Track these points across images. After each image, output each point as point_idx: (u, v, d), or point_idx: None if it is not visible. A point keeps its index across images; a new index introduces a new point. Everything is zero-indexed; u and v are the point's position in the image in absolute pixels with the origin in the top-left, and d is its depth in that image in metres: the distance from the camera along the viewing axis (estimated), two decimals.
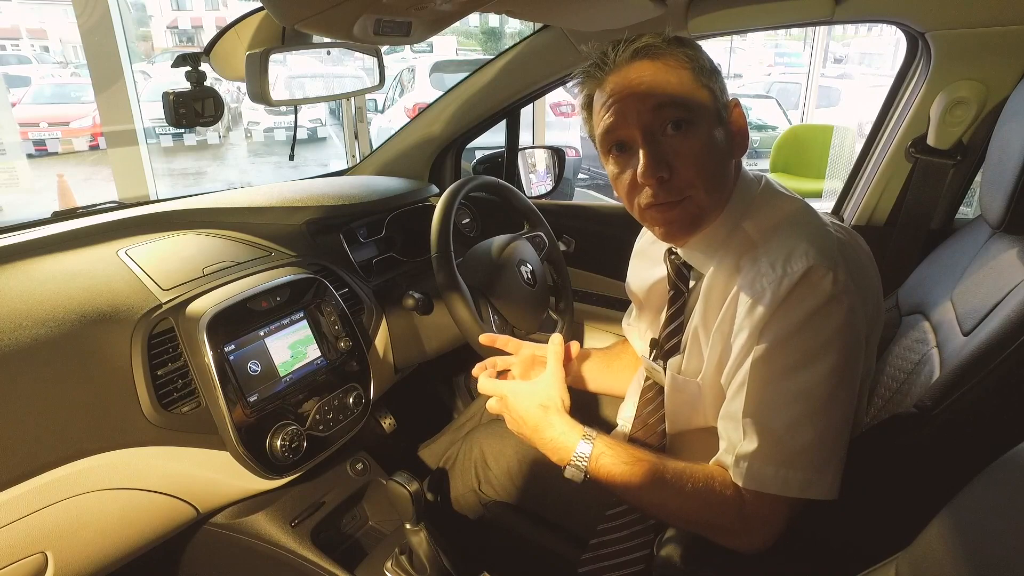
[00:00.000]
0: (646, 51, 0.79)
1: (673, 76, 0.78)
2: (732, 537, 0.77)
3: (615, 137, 0.81)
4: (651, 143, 0.78)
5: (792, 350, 0.74)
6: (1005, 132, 0.94)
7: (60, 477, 0.83)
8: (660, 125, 0.78)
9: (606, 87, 0.81)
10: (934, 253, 1.18)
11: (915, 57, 1.28)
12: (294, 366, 1.08)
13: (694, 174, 0.78)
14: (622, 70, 0.79)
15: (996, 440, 0.59)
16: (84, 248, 1.10)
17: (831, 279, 0.72)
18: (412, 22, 0.96)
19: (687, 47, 0.80)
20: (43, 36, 15.28)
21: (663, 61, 0.78)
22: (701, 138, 0.78)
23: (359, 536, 1.21)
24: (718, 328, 0.82)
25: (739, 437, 0.77)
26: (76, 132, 7.71)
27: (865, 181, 1.40)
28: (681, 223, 0.82)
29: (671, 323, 0.93)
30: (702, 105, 0.79)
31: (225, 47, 1.14)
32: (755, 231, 0.82)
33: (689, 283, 0.91)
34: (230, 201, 1.35)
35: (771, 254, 0.77)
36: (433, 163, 1.76)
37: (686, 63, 0.79)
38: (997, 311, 0.81)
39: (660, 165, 0.77)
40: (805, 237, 0.76)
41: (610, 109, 0.80)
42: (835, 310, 0.73)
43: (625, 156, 0.81)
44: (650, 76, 0.78)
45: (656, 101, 0.77)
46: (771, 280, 0.75)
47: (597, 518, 0.99)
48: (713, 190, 0.81)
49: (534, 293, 1.36)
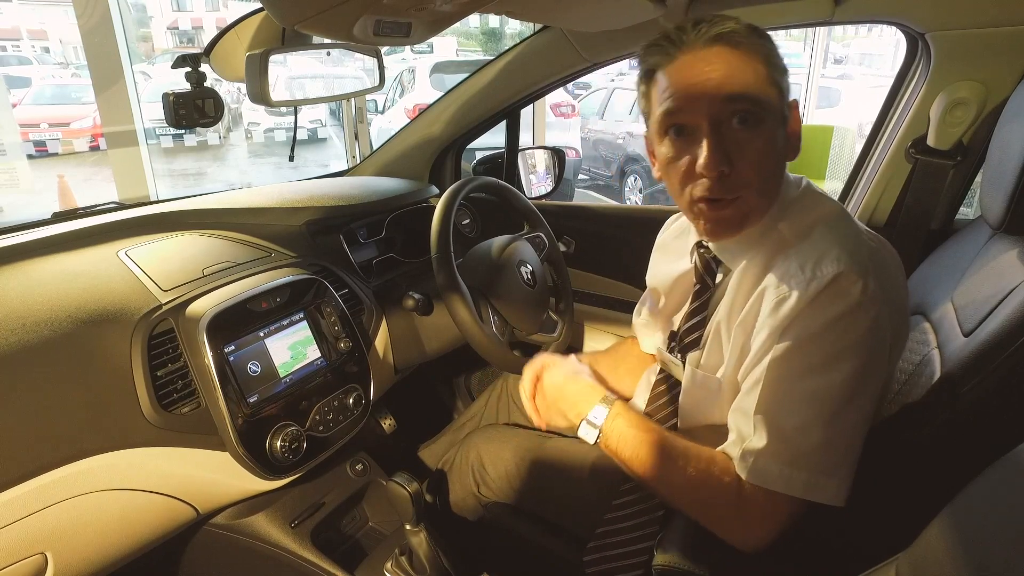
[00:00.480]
0: (728, 38, 0.74)
1: (750, 68, 0.75)
2: (728, 527, 0.77)
3: (678, 120, 0.77)
4: (716, 134, 0.75)
5: (812, 352, 0.73)
6: (1005, 133, 0.94)
7: (60, 478, 0.83)
8: (728, 117, 0.75)
9: (677, 65, 0.77)
10: (934, 254, 1.18)
11: (915, 58, 1.28)
12: (294, 367, 1.08)
13: (753, 173, 0.77)
14: (699, 51, 0.75)
15: (997, 440, 0.59)
16: (84, 249, 1.09)
17: (860, 286, 0.72)
18: (412, 23, 0.96)
19: (766, 40, 0.77)
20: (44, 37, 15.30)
21: (743, 51, 0.75)
22: (764, 136, 0.76)
23: (359, 537, 1.21)
24: (741, 323, 0.82)
25: (749, 431, 0.77)
26: (76, 133, 7.72)
27: (865, 181, 1.40)
28: (729, 223, 0.80)
29: (693, 317, 0.92)
30: (771, 102, 0.76)
31: (225, 48, 1.14)
32: (790, 232, 0.81)
33: (716, 278, 0.90)
34: (230, 202, 1.35)
35: (802, 256, 0.76)
36: (433, 164, 1.76)
37: (763, 57, 0.76)
38: (997, 312, 0.81)
39: (723, 159, 0.75)
40: (838, 242, 0.76)
41: (678, 90, 0.76)
42: (861, 317, 0.72)
43: (683, 141, 0.78)
44: (727, 64, 0.74)
45: (729, 92, 0.74)
46: (799, 281, 0.74)
47: (597, 519, 0.99)
48: (765, 193, 0.80)
49: (534, 294, 1.35)
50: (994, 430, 0.77)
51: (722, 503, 0.77)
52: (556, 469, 1.12)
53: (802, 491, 0.73)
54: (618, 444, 0.83)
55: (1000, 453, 0.51)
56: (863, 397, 0.74)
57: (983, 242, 1.00)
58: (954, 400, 0.78)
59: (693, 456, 0.79)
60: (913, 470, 0.81)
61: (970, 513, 0.50)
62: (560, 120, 6.48)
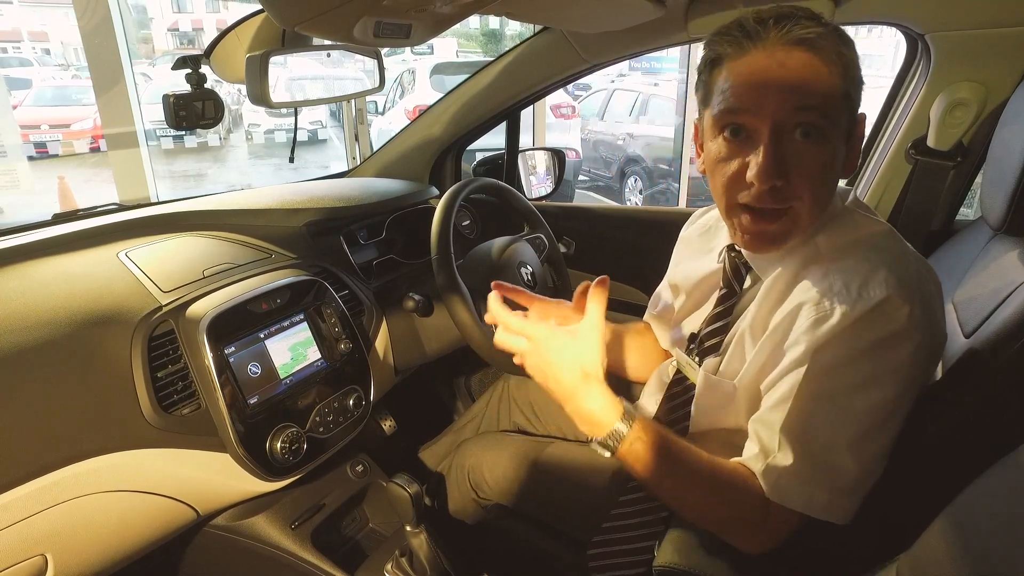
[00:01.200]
0: (812, 43, 0.69)
1: (826, 78, 0.70)
2: (745, 537, 0.76)
3: (737, 120, 0.73)
4: (777, 143, 0.70)
5: (850, 373, 0.71)
6: (1006, 133, 0.94)
7: (60, 479, 0.83)
8: (792, 127, 0.71)
9: (748, 60, 0.71)
10: (935, 255, 1.18)
11: (915, 58, 1.28)
12: (294, 368, 1.08)
13: (806, 190, 0.72)
14: (776, 51, 0.70)
15: (998, 441, 0.59)
16: (84, 250, 1.10)
17: (907, 313, 0.69)
18: (412, 24, 0.96)
19: (849, 49, 0.72)
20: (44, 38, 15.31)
21: (823, 60, 0.69)
22: (826, 154, 0.72)
23: (359, 538, 1.21)
24: (770, 335, 0.78)
25: (774, 446, 0.74)
26: (77, 134, 7.72)
27: (865, 182, 1.40)
28: (772, 237, 0.77)
29: (716, 321, 0.89)
30: (839, 118, 0.72)
31: (225, 49, 1.14)
32: (827, 246, 0.78)
33: (744, 283, 0.87)
34: (230, 203, 1.35)
35: (847, 274, 0.73)
36: (433, 165, 1.76)
37: (842, 69, 0.71)
38: (998, 313, 0.81)
39: (779, 171, 0.70)
40: (886, 264, 0.72)
41: (743, 88, 0.71)
42: (903, 344, 0.70)
43: (738, 143, 0.73)
44: (803, 71, 0.69)
45: (800, 102, 0.69)
46: (844, 300, 0.71)
47: (596, 521, 0.99)
48: (815, 211, 0.75)
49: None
50: (995, 431, 0.77)
51: (743, 519, 0.75)
52: (554, 473, 1.11)
53: (821, 511, 0.72)
54: (634, 463, 0.76)
55: (1001, 454, 0.51)
56: (894, 423, 0.72)
57: (983, 243, 1.00)
58: (955, 401, 0.78)
59: (716, 475, 0.76)
60: (914, 471, 0.81)
61: (972, 514, 0.50)
62: (560, 121, 6.47)
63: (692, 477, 0.76)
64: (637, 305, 1.66)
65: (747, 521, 0.75)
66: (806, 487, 0.72)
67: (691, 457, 0.76)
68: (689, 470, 0.75)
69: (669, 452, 0.75)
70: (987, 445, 0.65)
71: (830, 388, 0.72)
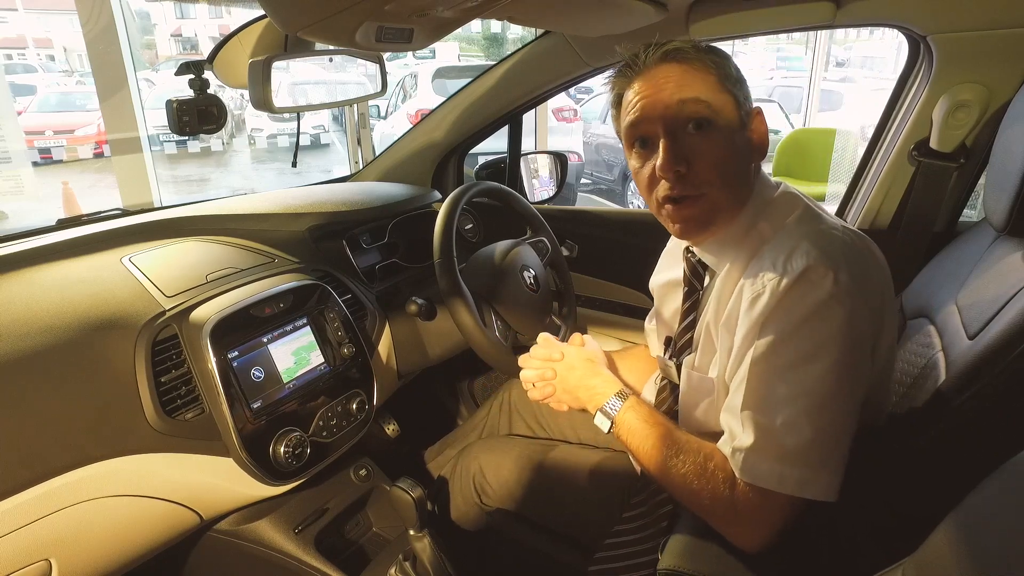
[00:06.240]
0: (675, 55, 0.82)
1: (699, 79, 0.81)
2: (727, 524, 0.78)
3: (639, 131, 0.84)
4: (672, 138, 0.81)
5: (790, 348, 0.74)
6: (1009, 135, 0.94)
7: (64, 484, 0.83)
8: (682, 123, 0.81)
9: (635, 86, 0.84)
10: (938, 257, 1.18)
11: (917, 60, 1.28)
12: (297, 372, 1.08)
13: (713, 173, 0.81)
14: (651, 71, 0.83)
15: (1003, 444, 0.58)
16: (88, 255, 1.10)
17: (831, 279, 0.73)
18: (414, 29, 0.97)
19: (714, 54, 0.83)
20: (49, 45, 15.39)
21: (690, 65, 0.81)
22: (721, 139, 0.81)
23: (363, 542, 1.21)
24: (725, 323, 0.84)
25: (739, 429, 0.77)
26: (81, 140, 7.74)
27: (868, 185, 1.39)
28: (696, 221, 0.84)
29: (684, 319, 0.96)
30: (724, 109, 0.81)
31: (228, 55, 1.14)
32: (769, 231, 0.84)
33: (704, 281, 0.93)
34: (234, 208, 1.35)
35: (774, 252, 0.79)
36: (436, 169, 1.77)
37: (712, 69, 0.82)
38: (1003, 314, 0.80)
39: (679, 159, 0.80)
40: (808, 237, 0.78)
41: (636, 105, 0.83)
42: (834, 310, 0.73)
43: (647, 151, 0.85)
44: (677, 77, 0.81)
45: (684, 97, 0.80)
46: (771, 277, 0.76)
47: (599, 525, 0.99)
48: (729, 189, 0.83)
49: (537, 298, 1.35)
50: (1000, 433, 0.77)
51: (719, 499, 0.77)
52: (557, 478, 1.12)
53: (794, 488, 0.73)
54: (628, 436, 0.87)
55: (1006, 456, 0.51)
56: (846, 390, 0.74)
57: (987, 244, 1.00)
58: (960, 403, 0.78)
59: (693, 451, 0.81)
60: (919, 474, 0.80)
61: (976, 518, 0.50)
62: (562, 124, 6.47)
63: (673, 451, 0.82)
64: (639, 308, 1.66)
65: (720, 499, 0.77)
66: (775, 465, 0.74)
67: (674, 434, 0.84)
68: (671, 444, 0.83)
69: (655, 424, 0.86)
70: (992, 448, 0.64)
71: (777, 364, 0.75)
